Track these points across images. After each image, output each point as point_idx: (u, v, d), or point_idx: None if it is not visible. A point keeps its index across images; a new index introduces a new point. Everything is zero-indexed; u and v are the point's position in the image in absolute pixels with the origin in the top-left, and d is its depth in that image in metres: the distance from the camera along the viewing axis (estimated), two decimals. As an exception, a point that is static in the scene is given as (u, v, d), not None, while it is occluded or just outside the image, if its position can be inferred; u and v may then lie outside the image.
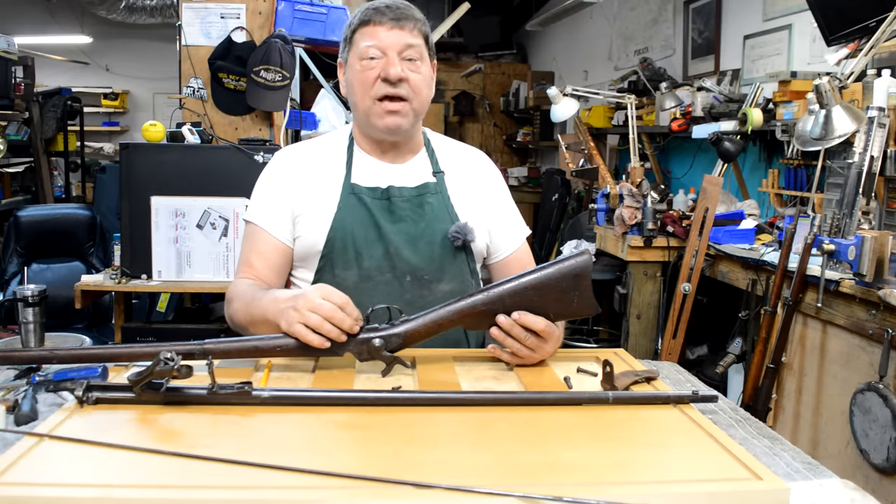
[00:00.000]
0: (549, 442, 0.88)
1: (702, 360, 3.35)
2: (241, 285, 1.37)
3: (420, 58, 1.37)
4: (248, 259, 1.43)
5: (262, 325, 1.22)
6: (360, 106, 1.39)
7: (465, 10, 4.22)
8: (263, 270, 1.41)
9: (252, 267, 1.42)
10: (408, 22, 1.36)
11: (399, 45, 1.35)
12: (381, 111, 1.37)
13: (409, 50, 1.35)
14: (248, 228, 1.45)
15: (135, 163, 2.55)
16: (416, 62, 1.36)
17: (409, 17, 1.36)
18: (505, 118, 7.83)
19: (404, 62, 1.35)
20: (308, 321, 1.09)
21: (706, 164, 4.01)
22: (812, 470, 0.91)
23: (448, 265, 1.42)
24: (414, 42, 1.36)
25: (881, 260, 1.97)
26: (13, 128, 5.45)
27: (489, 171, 1.54)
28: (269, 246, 1.42)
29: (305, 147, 1.51)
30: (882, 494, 1.96)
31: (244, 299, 1.31)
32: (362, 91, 1.37)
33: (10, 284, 3.29)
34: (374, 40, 1.35)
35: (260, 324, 1.23)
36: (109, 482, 0.76)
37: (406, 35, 1.35)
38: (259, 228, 1.43)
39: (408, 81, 1.35)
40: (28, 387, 1.09)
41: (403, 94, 1.36)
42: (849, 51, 2.65)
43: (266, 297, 1.24)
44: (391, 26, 1.34)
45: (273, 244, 1.42)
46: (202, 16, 3.07)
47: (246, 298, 1.31)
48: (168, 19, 6.58)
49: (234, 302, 1.36)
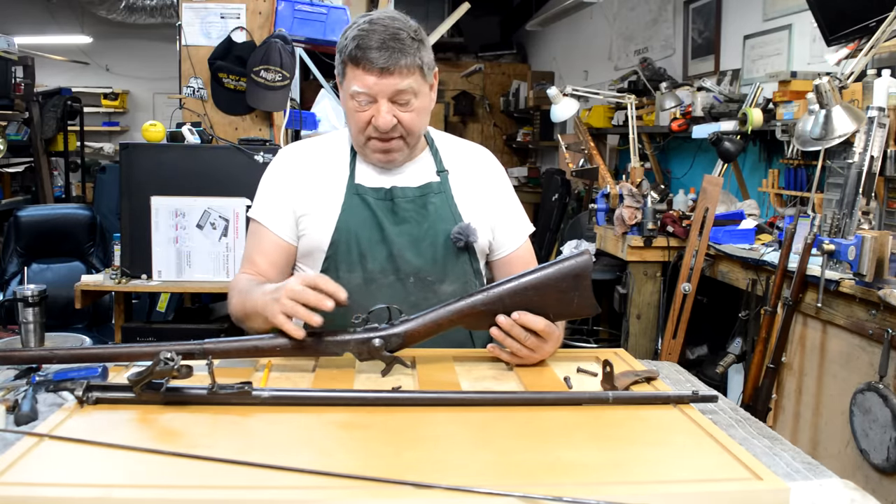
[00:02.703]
0: (549, 442, 0.88)
1: (702, 360, 3.35)
2: (241, 280, 1.40)
3: (414, 94, 1.33)
4: (250, 256, 1.45)
5: (256, 318, 1.25)
6: (355, 140, 1.41)
7: (465, 10, 4.22)
8: (265, 267, 1.43)
9: (254, 264, 1.44)
10: (399, 63, 1.28)
11: (389, 92, 1.31)
12: (374, 147, 1.38)
13: (400, 94, 1.32)
14: (252, 226, 1.48)
15: (135, 163, 2.55)
16: (409, 102, 1.33)
17: (401, 55, 1.28)
18: (505, 118, 7.83)
19: (396, 105, 1.33)
20: (285, 308, 1.12)
21: (706, 164, 4.01)
22: (812, 470, 0.91)
23: (451, 266, 1.42)
24: (405, 86, 1.31)
25: (881, 260, 1.97)
26: (13, 128, 5.45)
27: (493, 168, 1.54)
28: (271, 244, 1.44)
29: (309, 145, 1.51)
30: (882, 494, 1.96)
31: (241, 294, 1.33)
32: (356, 130, 1.37)
33: (10, 284, 3.29)
34: (363, 87, 1.30)
35: (253, 317, 1.26)
36: (109, 482, 0.76)
37: (396, 80, 1.30)
38: (261, 226, 1.45)
39: (400, 123, 1.34)
40: (28, 387, 1.09)
41: (395, 136, 1.35)
42: (849, 51, 2.65)
43: (257, 291, 1.26)
44: (380, 73, 1.28)
45: (275, 242, 1.44)
46: (202, 16, 3.07)
47: (242, 293, 1.33)
48: (168, 19, 6.58)
49: (232, 296, 1.38)
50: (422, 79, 1.34)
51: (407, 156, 1.42)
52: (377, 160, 1.40)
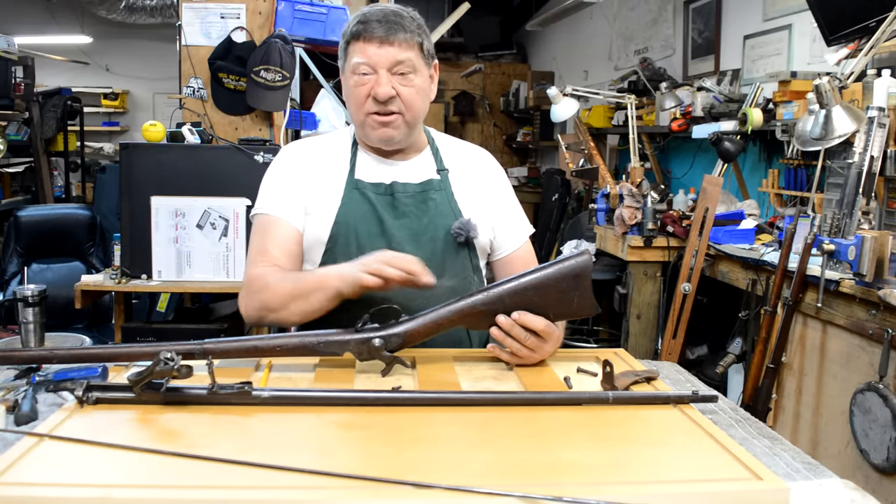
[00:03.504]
0: (549, 442, 0.88)
1: (702, 360, 3.35)
2: (269, 272, 1.34)
3: (413, 70, 1.36)
4: (263, 248, 1.39)
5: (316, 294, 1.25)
6: (355, 118, 1.42)
7: (465, 10, 4.22)
8: (281, 257, 1.38)
9: (268, 254, 1.38)
10: (398, 35, 1.33)
11: (389, 62, 1.34)
12: (373, 123, 1.38)
13: (399, 65, 1.34)
14: (259, 222, 1.43)
15: (135, 163, 2.55)
16: (408, 76, 1.35)
17: (400, 29, 1.34)
18: (505, 118, 7.83)
19: (396, 77, 1.35)
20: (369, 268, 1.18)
21: (706, 164, 4.01)
22: (812, 470, 0.91)
23: (450, 261, 1.43)
24: (404, 57, 1.34)
25: (881, 260, 1.97)
26: (13, 128, 5.45)
27: (493, 169, 1.55)
28: (285, 233, 1.40)
29: (310, 143, 1.52)
30: (882, 494, 1.96)
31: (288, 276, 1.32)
32: (355, 106, 1.39)
33: (10, 284, 3.29)
34: (364, 57, 1.34)
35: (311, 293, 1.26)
36: (109, 482, 0.76)
37: (396, 51, 1.33)
38: (272, 217, 1.41)
39: (399, 97, 1.35)
40: (28, 387, 1.09)
41: (394, 109, 1.36)
42: (849, 51, 2.65)
43: (320, 270, 1.31)
44: (380, 43, 1.32)
45: (289, 231, 1.40)
46: (202, 16, 3.07)
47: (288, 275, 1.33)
48: (168, 19, 6.58)
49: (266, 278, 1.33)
50: (421, 58, 1.37)
51: (405, 138, 1.42)
52: (377, 137, 1.39)
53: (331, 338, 1.12)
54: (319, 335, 1.13)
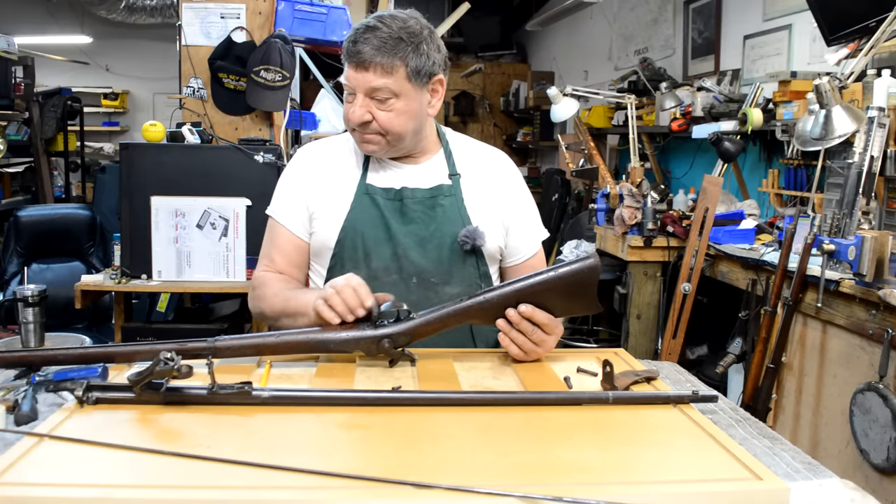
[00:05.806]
0: (549, 442, 0.88)
1: (702, 360, 3.35)
2: (272, 280, 1.45)
3: (393, 95, 1.34)
4: (269, 253, 1.50)
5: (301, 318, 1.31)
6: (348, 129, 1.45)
7: (465, 10, 4.22)
8: (283, 265, 1.48)
9: (273, 262, 1.49)
10: (377, 60, 1.30)
11: (364, 87, 1.34)
12: (358, 138, 1.42)
13: (375, 91, 1.33)
14: (270, 223, 1.51)
15: (135, 163, 2.55)
16: (386, 101, 1.34)
17: (383, 53, 1.30)
18: (505, 118, 7.83)
19: (374, 101, 1.35)
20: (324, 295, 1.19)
21: (706, 164, 4.01)
22: (812, 470, 0.91)
23: (456, 268, 1.43)
24: (380, 84, 1.32)
25: (881, 260, 1.97)
26: (13, 128, 5.45)
27: (509, 172, 1.53)
28: (288, 243, 1.48)
29: (326, 145, 1.54)
30: (882, 494, 1.96)
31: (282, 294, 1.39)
32: (346, 119, 1.41)
33: (10, 284, 3.29)
34: (345, 79, 1.37)
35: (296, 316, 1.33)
36: (109, 482, 0.76)
37: (371, 77, 1.32)
38: (278, 224, 1.49)
39: (376, 120, 1.36)
40: (28, 387, 1.09)
41: (371, 131, 1.37)
42: (849, 51, 2.65)
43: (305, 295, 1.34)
44: (356, 67, 1.32)
45: (291, 241, 1.48)
46: (202, 16, 3.06)
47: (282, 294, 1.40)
48: (168, 19, 6.58)
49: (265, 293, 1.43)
50: (406, 81, 1.34)
51: (395, 151, 1.43)
52: (363, 150, 1.44)
53: (341, 336, 1.14)
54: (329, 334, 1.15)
